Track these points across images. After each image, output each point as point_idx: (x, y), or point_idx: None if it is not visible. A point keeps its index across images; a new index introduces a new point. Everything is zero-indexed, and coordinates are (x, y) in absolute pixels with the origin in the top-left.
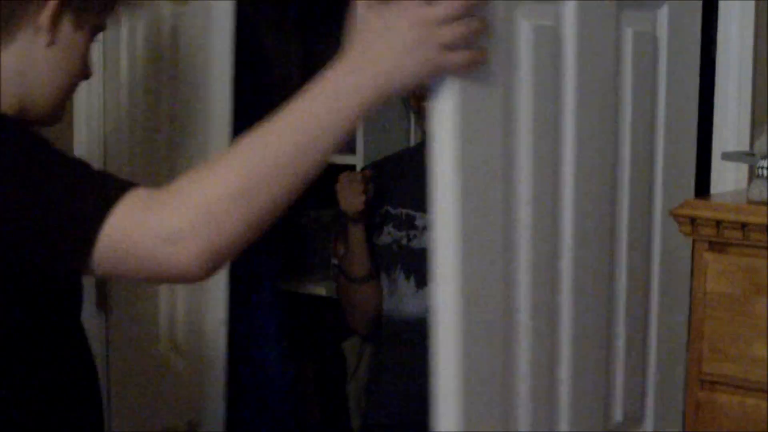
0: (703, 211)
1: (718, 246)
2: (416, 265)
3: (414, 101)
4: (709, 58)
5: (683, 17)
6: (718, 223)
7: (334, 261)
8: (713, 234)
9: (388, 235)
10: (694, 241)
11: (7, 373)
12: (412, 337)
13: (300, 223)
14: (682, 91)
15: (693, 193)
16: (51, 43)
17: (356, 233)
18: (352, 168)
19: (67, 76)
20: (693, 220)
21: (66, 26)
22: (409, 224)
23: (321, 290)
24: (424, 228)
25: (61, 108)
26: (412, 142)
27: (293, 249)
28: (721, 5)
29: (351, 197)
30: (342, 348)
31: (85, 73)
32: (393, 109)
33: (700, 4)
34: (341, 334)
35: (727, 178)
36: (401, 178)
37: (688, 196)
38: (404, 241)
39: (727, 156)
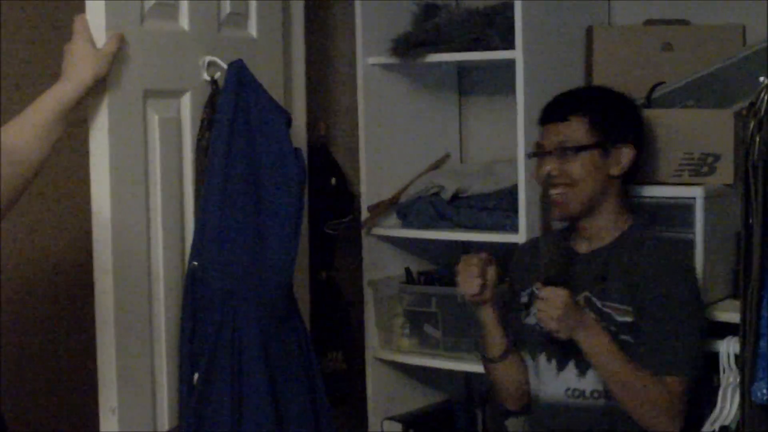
0: None
1: None
2: (556, 348)
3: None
4: None
5: None
6: None
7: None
8: None
9: (534, 315)
10: None
11: None
12: (554, 422)
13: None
14: None
15: None
16: None
17: (484, 315)
18: (515, 246)
19: None
20: None
21: None
22: None
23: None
24: None
25: None
26: None
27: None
28: None
29: (467, 281)
30: (506, 426)
31: None
32: None
33: None
34: (505, 412)
35: None
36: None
37: None
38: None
39: None
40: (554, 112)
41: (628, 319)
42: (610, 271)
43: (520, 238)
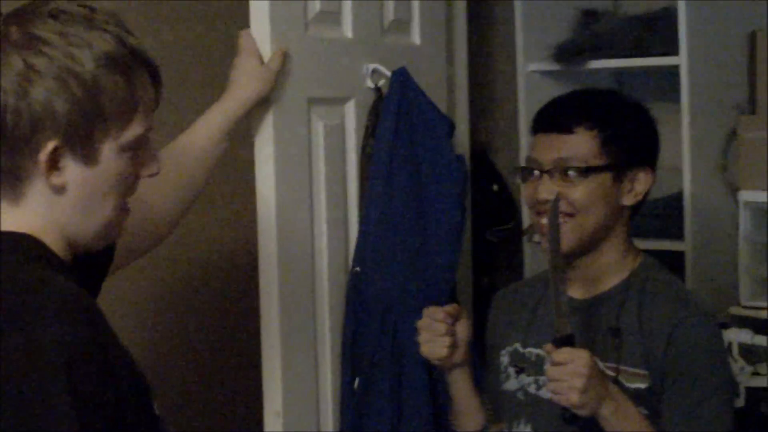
0: None
1: None
2: (545, 419)
3: None
4: None
5: None
6: None
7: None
8: None
9: (515, 379)
10: None
11: None
12: None
13: None
14: None
15: None
16: (61, 189)
17: (455, 382)
18: (680, 255)
19: (104, 207)
20: None
21: (73, 166)
22: (539, 368)
23: None
24: None
25: (116, 228)
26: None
27: None
28: None
29: (431, 341)
30: None
31: (131, 192)
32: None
33: None
34: None
35: None
36: (535, 310)
37: None
38: (532, 389)
39: None
40: (556, 120)
41: (642, 385)
42: (621, 325)
43: (685, 246)
